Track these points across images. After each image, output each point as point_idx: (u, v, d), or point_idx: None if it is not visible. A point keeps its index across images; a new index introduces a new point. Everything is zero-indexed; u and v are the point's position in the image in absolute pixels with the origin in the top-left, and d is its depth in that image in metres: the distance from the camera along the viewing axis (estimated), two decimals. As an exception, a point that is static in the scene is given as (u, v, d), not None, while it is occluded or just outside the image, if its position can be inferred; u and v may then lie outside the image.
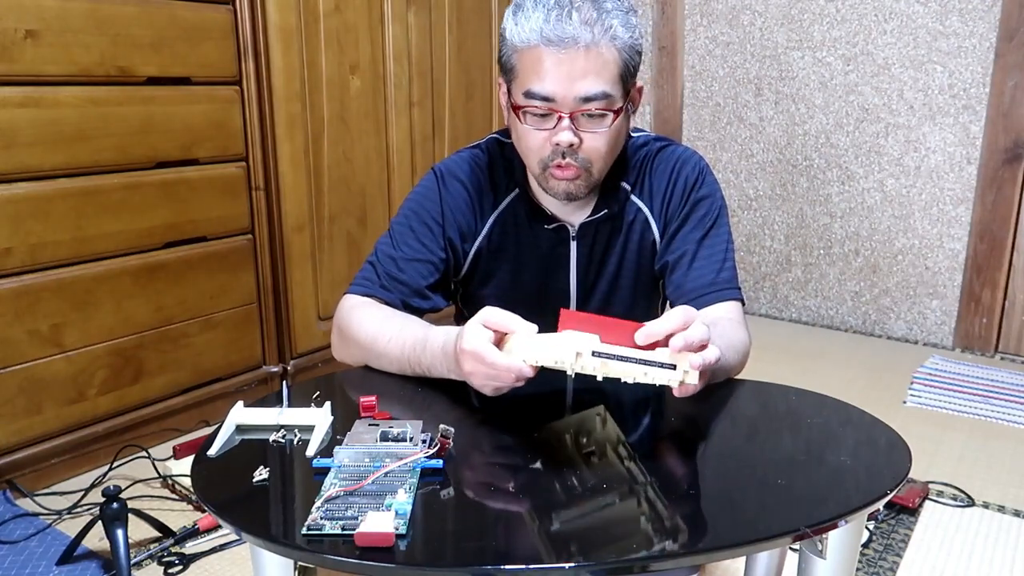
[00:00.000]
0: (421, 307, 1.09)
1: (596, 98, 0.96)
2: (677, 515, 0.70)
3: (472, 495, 0.73)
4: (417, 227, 1.11)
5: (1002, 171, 2.61)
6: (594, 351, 0.78)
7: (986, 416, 2.24)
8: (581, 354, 0.78)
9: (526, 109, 0.98)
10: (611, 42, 0.95)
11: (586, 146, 0.99)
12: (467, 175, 1.12)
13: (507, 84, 1.02)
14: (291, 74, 2.13)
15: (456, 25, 2.64)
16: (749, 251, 3.14)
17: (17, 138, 1.67)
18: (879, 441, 0.85)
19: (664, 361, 0.78)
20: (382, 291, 1.08)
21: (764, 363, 2.68)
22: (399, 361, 0.98)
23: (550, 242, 1.12)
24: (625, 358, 0.78)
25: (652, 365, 0.78)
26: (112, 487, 1.44)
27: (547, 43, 0.94)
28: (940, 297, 2.80)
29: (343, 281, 2.40)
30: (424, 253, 1.10)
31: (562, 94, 0.95)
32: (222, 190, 2.07)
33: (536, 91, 0.96)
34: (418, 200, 1.13)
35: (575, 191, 1.03)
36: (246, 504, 0.72)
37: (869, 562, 1.57)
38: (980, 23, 2.56)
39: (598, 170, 1.03)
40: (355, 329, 1.03)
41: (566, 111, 0.96)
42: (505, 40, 0.99)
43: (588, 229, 1.11)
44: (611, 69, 0.96)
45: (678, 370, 0.77)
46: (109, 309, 1.88)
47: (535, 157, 1.02)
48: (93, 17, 1.76)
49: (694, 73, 3.12)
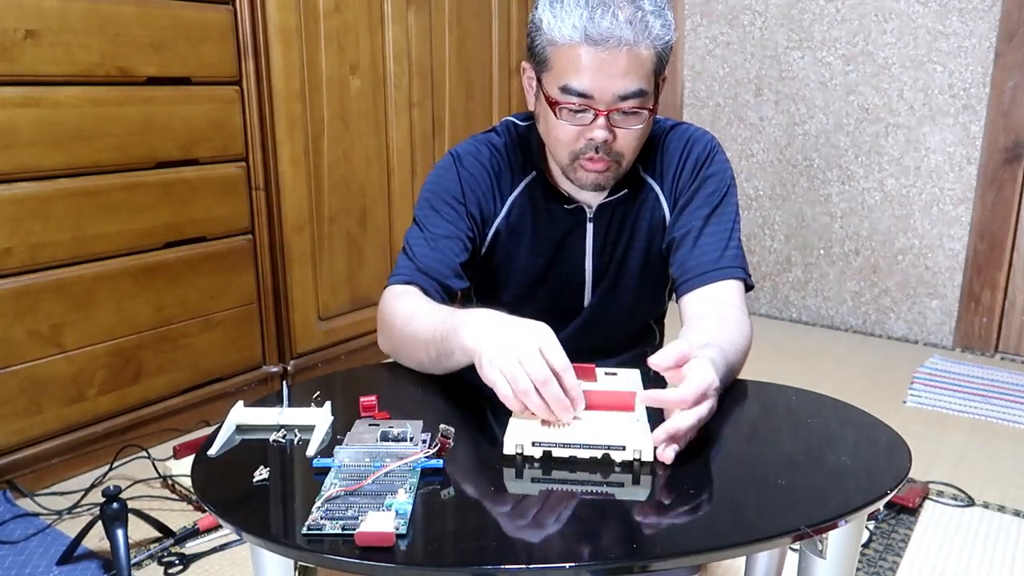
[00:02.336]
0: (459, 286, 1.08)
1: (633, 96, 0.96)
2: (677, 515, 0.70)
3: (472, 495, 0.73)
4: (441, 207, 1.09)
5: (1002, 171, 2.61)
6: (533, 442, 0.77)
7: (986, 416, 2.24)
8: (522, 446, 0.77)
9: (562, 104, 0.98)
10: (651, 42, 0.95)
11: (620, 142, 1.00)
12: (485, 157, 1.12)
13: (537, 74, 1.02)
14: (291, 74, 2.13)
15: (456, 25, 2.64)
16: (749, 251, 3.14)
17: (17, 138, 1.67)
18: (879, 441, 0.85)
19: (611, 443, 0.76)
20: (419, 276, 1.06)
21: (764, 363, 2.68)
22: (428, 338, 0.94)
23: (567, 223, 1.12)
24: (568, 445, 0.77)
25: (598, 448, 0.76)
26: (112, 487, 1.44)
27: (589, 41, 0.93)
28: (940, 297, 2.80)
29: (343, 281, 2.40)
30: (452, 231, 1.08)
31: (600, 92, 0.95)
32: (222, 190, 2.07)
33: (575, 87, 0.96)
34: (437, 182, 1.11)
35: (604, 183, 1.04)
36: (246, 504, 0.72)
37: (869, 562, 1.57)
38: (980, 23, 2.56)
39: (627, 162, 1.04)
40: (392, 315, 1.02)
41: (603, 108, 0.96)
42: (540, 31, 0.97)
43: (605, 210, 1.11)
44: (648, 67, 0.96)
45: (628, 449, 0.75)
46: (109, 309, 1.88)
47: (566, 149, 1.02)
48: (93, 17, 1.76)
49: (694, 73, 3.12)
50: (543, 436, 0.77)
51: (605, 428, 0.78)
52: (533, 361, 0.78)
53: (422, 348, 0.95)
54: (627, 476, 0.75)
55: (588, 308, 1.16)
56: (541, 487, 0.74)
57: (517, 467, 0.77)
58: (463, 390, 0.92)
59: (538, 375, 0.78)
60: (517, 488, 0.74)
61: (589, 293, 1.15)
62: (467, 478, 0.76)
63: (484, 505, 0.72)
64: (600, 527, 0.68)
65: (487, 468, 0.78)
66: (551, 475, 0.76)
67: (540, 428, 0.78)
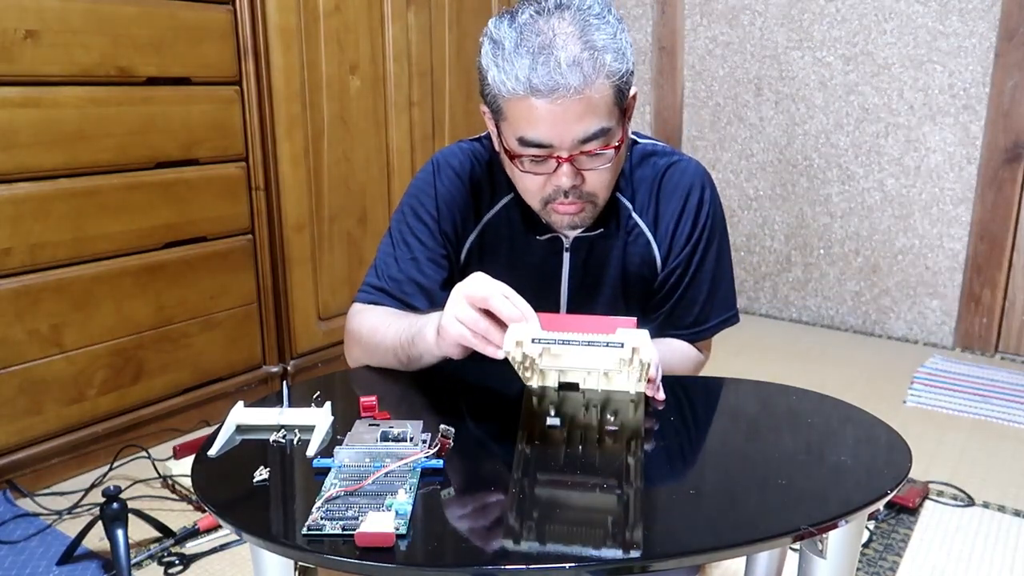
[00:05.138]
0: (423, 307, 1.07)
1: (595, 137, 0.91)
2: (677, 515, 0.70)
3: (472, 495, 0.73)
4: (414, 224, 1.09)
5: (1002, 171, 2.61)
6: (533, 338, 0.78)
7: (986, 416, 2.24)
8: (521, 343, 0.79)
9: (522, 156, 0.94)
10: (605, 79, 0.89)
11: (589, 183, 0.96)
12: (466, 171, 1.09)
13: (495, 122, 0.97)
14: (291, 74, 2.13)
15: (456, 25, 2.64)
16: (749, 251, 3.14)
17: (17, 138, 1.67)
18: (879, 441, 0.85)
19: (610, 340, 0.79)
20: (383, 295, 1.07)
21: (764, 363, 2.69)
22: (394, 348, 0.97)
23: (543, 252, 1.09)
24: (567, 341, 0.78)
25: (597, 345, 0.79)
26: (112, 487, 1.44)
27: (538, 95, 0.87)
28: (940, 297, 2.80)
29: (343, 281, 2.40)
30: (421, 251, 1.08)
31: (559, 140, 0.91)
32: (222, 190, 2.07)
33: (531, 138, 0.92)
34: (415, 195, 1.11)
35: (581, 222, 1.01)
36: (246, 504, 0.72)
37: (869, 562, 1.57)
38: (980, 23, 2.56)
39: (603, 199, 1.00)
40: (357, 330, 1.04)
41: (565, 154, 0.92)
42: (487, 84, 0.92)
43: (583, 243, 1.08)
44: (607, 103, 0.91)
45: (626, 347, 0.79)
46: (109, 309, 1.88)
47: (535, 197, 0.99)
48: (93, 17, 1.76)
49: (694, 73, 3.12)
50: (541, 333, 0.80)
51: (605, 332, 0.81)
52: (476, 291, 0.84)
53: (391, 355, 0.98)
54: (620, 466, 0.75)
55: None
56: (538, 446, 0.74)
57: (525, 413, 0.79)
58: (463, 390, 0.92)
59: (483, 292, 0.83)
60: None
61: None
62: (467, 478, 0.76)
63: (484, 505, 0.72)
64: (600, 527, 0.68)
65: (487, 468, 0.78)
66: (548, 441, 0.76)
67: (538, 330, 0.81)
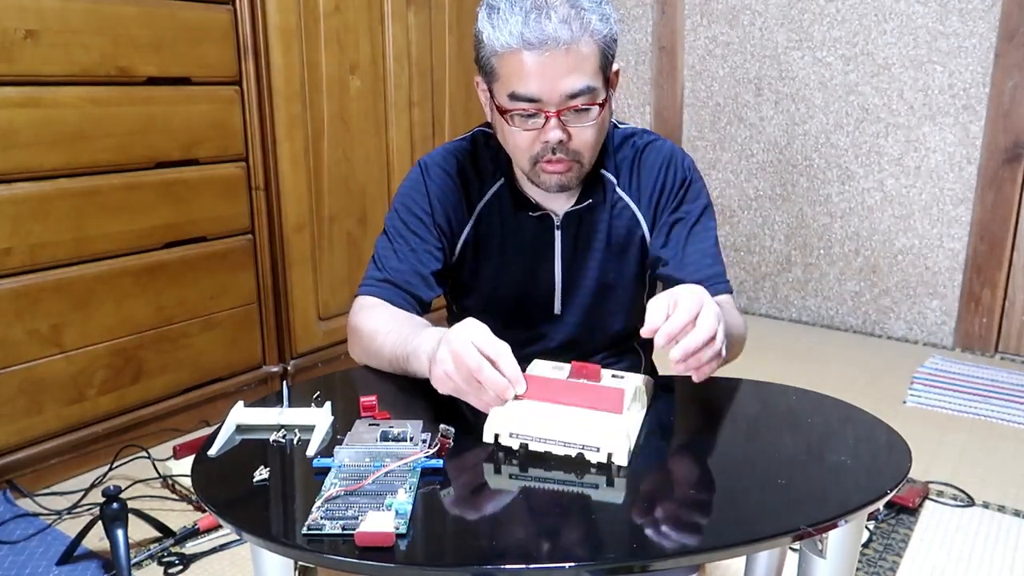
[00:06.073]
0: (427, 297, 1.12)
1: (581, 93, 0.97)
2: (677, 515, 0.70)
3: (472, 495, 0.73)
4: (408, 219, 1.13)
5: (1002, 171, 2.61)
6: (511, 432, 0.78)
7: (986, 416, 2.24)
8: (499, 435, 0.79)
9: (512, 112, 0.99)
10: (590, 37, 0.96)
11: (575, 140, 1.01)
12: (452, 166, 1.14)
13: (488, 85, 1.03)
14: (291, 74, 2.13)
15: (456, 25, 2.64)
16: (749, 251, 3.14)
17: (17, 138, 1.67)
18: (879, 441, 0.85)
19: (587, 443, 0.77)
20: (385, 286, 1.10)
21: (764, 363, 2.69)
22: (390, 359, 1.00)
23: (534, 231, 1.13)
24: (545, 439, 0.78)
25: (572, 447, 0.77)
26: (112, 487, 1.44)
27: (528, 46, 0.94)
28: (940, 297, 2.80)
29: (343, 281, 2.40)
30: (419, 243, 1.12)
31: (547, 94, 0.96)
32: (222, 190, 2.07)
33: (521, 93, 0.97)
34: (406, 194, 1.15)
35: (567, 183, 1.05)
36: (246, 504, 0.72)
37: (869, 562, 1.57)
38: (980, 23, 2.56)
39: (588, 160, 1.05)
40: (360, 328, 1.06)
41: (552, 109, 0.97)
42: (482, 43, 0.99)
43: (572, 218, 1.12)
44: (592, 62, 0.97)
45: (602, 451, 0.76)
46: (109, 309, 1.88)
47: (525, 155, 1.03)
48: (93, 17, 1.76)
49: (694, 73, 3.12)
50: (521, 428, 0.79)
51: (585, 427, 0.79)
52: (467, 354, 0.83)
53: (387, 365, 1.01)
54: (602, 478, 0.75)
55: (560, 317, 1.17)
56: (519, 483, 0.75)
57: (496, 462, 0.78)
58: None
59: (472, 363, 0.82)
60: (494, 483, 0.76)
61: (559, 302, 1.16)
62: (467, 478, 0.76)
63: (484, 505, 0.72)
64: (600, 527, 0.68)
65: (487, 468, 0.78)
66: (527, 472, 0.76)
67: (519, 420, 0.80)
